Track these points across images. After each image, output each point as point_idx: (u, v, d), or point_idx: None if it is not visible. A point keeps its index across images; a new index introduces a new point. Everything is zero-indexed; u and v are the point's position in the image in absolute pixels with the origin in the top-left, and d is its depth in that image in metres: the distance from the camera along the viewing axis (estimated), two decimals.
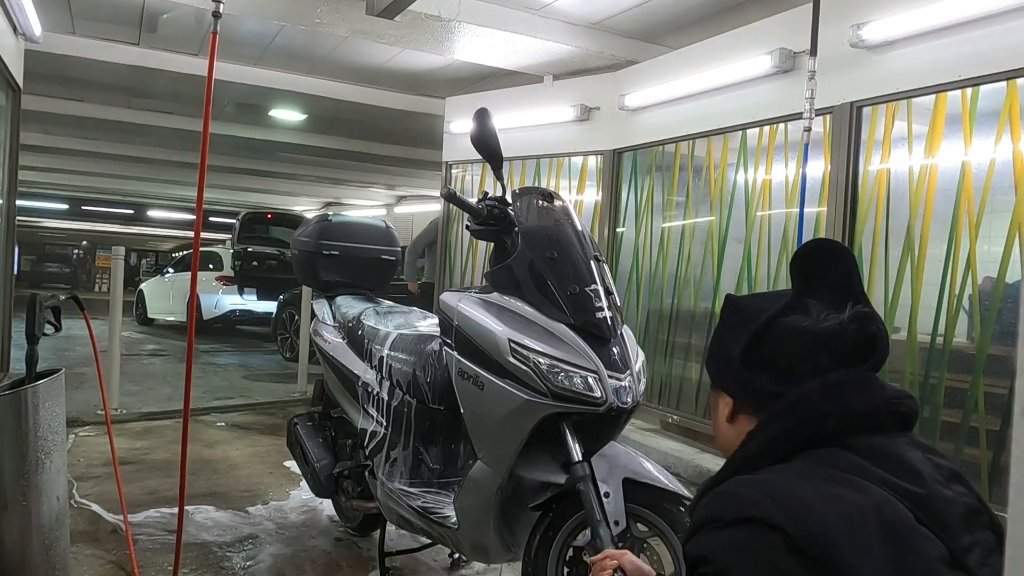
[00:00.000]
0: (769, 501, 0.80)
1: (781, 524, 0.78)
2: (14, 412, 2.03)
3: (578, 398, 1.85)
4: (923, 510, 0.83)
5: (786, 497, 0.81)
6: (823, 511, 0.79)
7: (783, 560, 0.77)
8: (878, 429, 0.90)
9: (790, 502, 0.80)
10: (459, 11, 4.73)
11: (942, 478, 0.89)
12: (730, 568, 0.80)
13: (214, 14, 2.13)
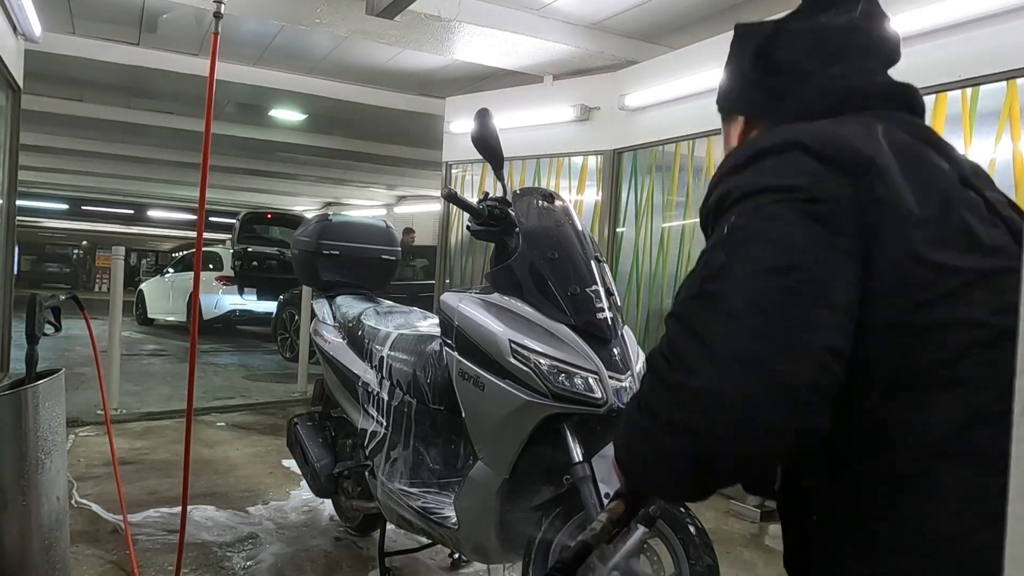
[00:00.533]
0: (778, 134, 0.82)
1: (796, 139, 0.79)
2: (14, 412, 2.03)
3: (578, 399, 1.85)
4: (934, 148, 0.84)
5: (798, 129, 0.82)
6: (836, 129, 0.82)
7: (804, 162, 0.77)
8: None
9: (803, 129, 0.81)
10: (459, 11, 4.73)
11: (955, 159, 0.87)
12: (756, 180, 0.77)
13: (215, 14, 2.13)
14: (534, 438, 1.93)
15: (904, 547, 0.70)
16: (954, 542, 0.67)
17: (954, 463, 0.69)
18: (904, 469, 0.71)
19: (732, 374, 0.68)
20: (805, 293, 0.70)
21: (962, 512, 0.67)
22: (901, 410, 0.72)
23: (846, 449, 0.73)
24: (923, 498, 0.69)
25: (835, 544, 0.76)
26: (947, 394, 0.71)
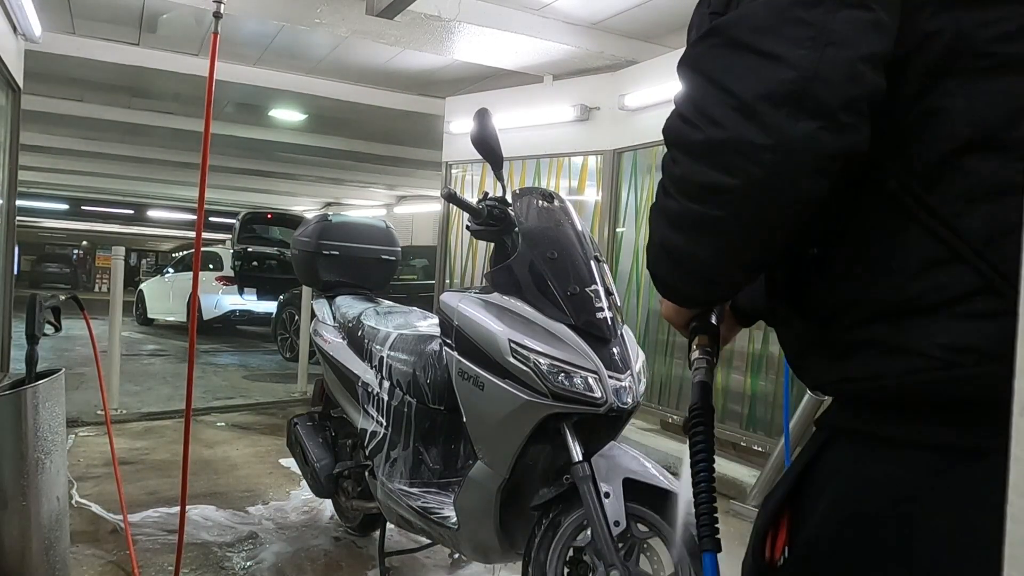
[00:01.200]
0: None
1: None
2: (14, 412, 2.03)
3: (578, 398, 1.85)
4: None
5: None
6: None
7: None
8: None
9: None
10: (459, 11, 4.73)
11: None
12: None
13: (215, 14, 2.13)
14: (534, 438, 1.93)
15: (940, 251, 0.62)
16: (995, 239, 0.60)
17: (997, 156, 0.61)
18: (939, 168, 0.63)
19: (759, 115, 0.60)
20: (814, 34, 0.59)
21: (996, 213, 0.60)
22: (948, 98, 0.63)
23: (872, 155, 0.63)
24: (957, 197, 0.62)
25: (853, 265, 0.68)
26: (1001, 78, 0.62)
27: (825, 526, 0.70)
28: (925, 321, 0.63)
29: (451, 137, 6.53)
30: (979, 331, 0.61)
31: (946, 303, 0.62)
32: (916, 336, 0.63)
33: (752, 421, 4.30)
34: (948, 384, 0.62)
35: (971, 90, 0.63)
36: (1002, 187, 0.61)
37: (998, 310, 0.59)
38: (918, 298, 0.63)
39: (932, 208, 0.63)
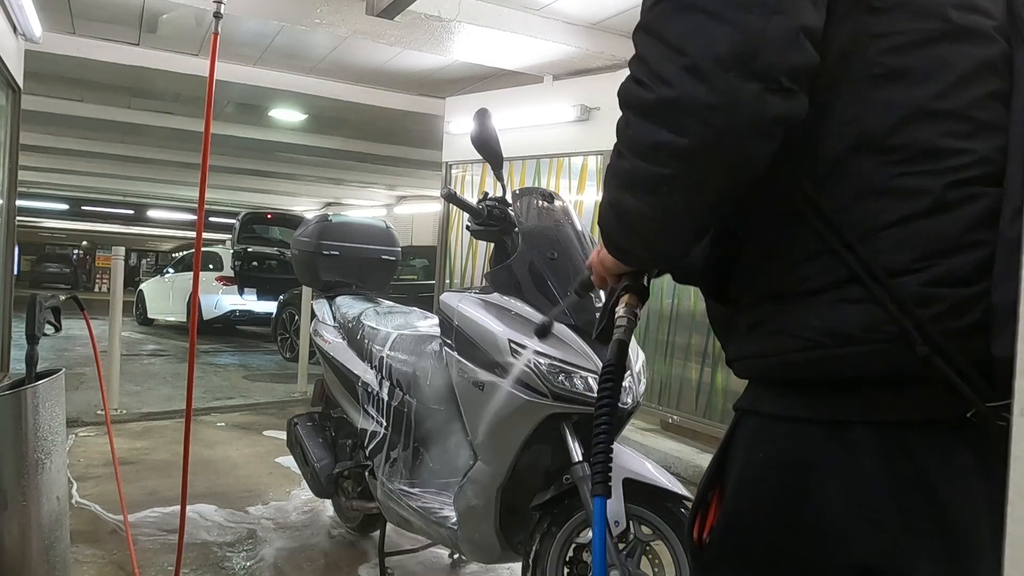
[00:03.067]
0: None
1: None
2: (14, 412, 2.03)
3: (578, 398, 1.85)
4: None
5: None
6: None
7: None
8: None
9: None
10: (459, 11, 4.73)
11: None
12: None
13: (215, 14, 2.13)
14: (534, 438, 1.93)
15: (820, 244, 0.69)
16: (868, 235, 0.67)
17: (878, 158, 0.68)
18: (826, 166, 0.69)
19: (708, 74, 0.62)
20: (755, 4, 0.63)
21: (878, 207, 0.67)
22: (842, 103, 0.70)
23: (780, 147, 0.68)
24: (840, 194, 0.68)
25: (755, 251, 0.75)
26: (886, 85, 0.69)
27: (736, 502, 0.76)
28: (802, 306, 0.70)
29: (451, 137, 6.53)
30: (846, 316, 0.67)
31: (819, 290, 0.69)
32: (794, 319, 0.70)
33: None
34: (819, 362, 0.69)
35: (861, 96, 0.68)
36: (879, 189, 0.67)
37: (862, 298, 0.66)
38: (797, 285, 0.70)
39: (816, 204, 0.69)
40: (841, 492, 0.69)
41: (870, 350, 0.67)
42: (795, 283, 0.70)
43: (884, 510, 0.68)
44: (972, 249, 0.65)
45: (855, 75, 0.69)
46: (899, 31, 0.69)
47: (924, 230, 0.66)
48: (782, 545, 0.72)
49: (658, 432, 4.95)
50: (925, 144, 0.67)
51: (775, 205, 0.72)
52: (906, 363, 0.66)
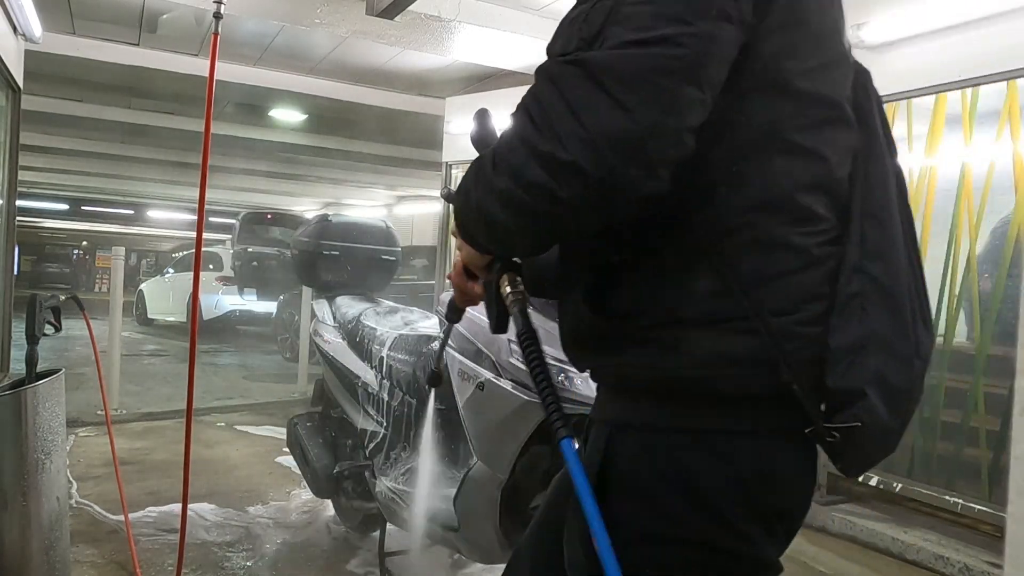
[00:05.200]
0: None
1: None
2: (14, 412, 2.03)
3: (579, 399, 1.85)
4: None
5: None
6: None
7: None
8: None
9: None
10: (459, 11, 4.73)
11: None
12: None
13: (215, 15, 2.13)
14: (534, 438, 1.93)
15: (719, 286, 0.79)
16: (760, 283, 0.78)
17: (775, 219, 0.79)
18: (735, 220, 0.79)
19: (600, 152, 0.70)
20: (677, 70, 0.70)
21: (771, 259, 0.79)
22: (749, 167, 0.80)
23: (686, 202, 0.80)
24: (741, 246, 0.79)
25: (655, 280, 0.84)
26: (791, 158, 0.80)
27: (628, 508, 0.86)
28: (701, 331, 0.80)
29: (451, 137, 6.53)
30: (735, 344, 0.79)
31: (718, 321, 0.80)
32: (693, 341, 0.80)
33: None
34: (709, 379, 0.81)
35: (770, 166, 0.80)
36: (775, 244, 0.79)
37: (750, 330, 0.78)
38: (700, 314, 0.81)
39: (721, 252, 0.79)
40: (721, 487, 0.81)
41: (750, 373, 0.79)
42: (698, 313, 0.81)
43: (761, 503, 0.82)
44: (824, 299, 0.79)
45: (768, 149, 0.80)
46: (807, 115, 0.81)
47: (800, 280, 0.80)
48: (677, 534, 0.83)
49: None
50: (807, 211, 0.80)
51: (684, 245, 0.82)
52: (772, 385, 0.78)
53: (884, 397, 0.76)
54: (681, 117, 0.71)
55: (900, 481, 3.38)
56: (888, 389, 0.77)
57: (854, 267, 0.79)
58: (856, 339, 0.77)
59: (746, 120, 0.79)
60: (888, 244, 0.81)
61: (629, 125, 0.70)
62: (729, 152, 0.79)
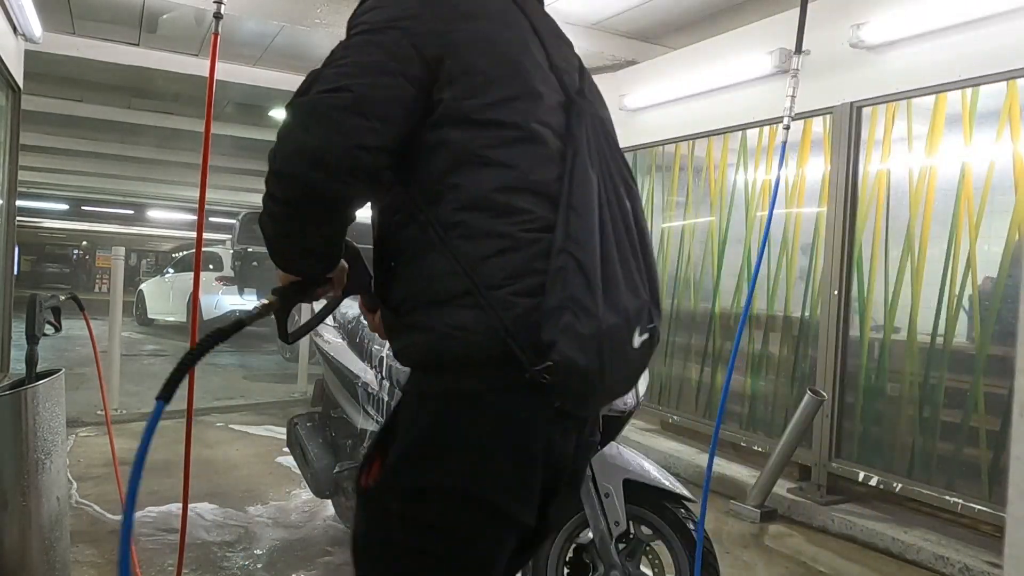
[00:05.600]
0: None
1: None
2: (14, 412, 2.03)
3: None
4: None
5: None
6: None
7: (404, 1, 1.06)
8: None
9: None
10: None
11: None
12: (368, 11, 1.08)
13: (215, 15, 2.13)
14: None
15: (463, 266, 1.02)
16: (478, 263, 1.02)
17: (482, 214, 1.03)
18: (453, 218, 1.04)
19: (291, 161, 0.99)
20: (344, 106, 0.98)
21: (495, 242, 1.02)
22: (459, 178, 1.04)
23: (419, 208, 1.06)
24: (460, 237, 1.03)
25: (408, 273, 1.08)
26: (488, 169, 1.04)
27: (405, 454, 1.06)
28: (443, 309, 1.03)
29: None
30: (466, 316, 1.01)
31: (453, 298, 1.02)
32: (437, 318, 1.03)
33: (752, 421, 4.30)
34: (451, 348, 1.02)
35: (471, 176, 1.04)
36: (484, 233, 1.03)
37: (475, 304, 1.01)
38: (439, 295, 1.04)
39: (447, 241, 1.03)
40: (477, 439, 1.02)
41: (481, 338, 1.00)
42: (438, 294, 1.04)
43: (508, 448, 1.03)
44: (538, 273, 1.00)
45: (469, 163, 1.04)
46: (494, 136, 1.05)
47: (510, 260, 1.02)
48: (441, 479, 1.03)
49: (658, 432, 4.95)
50: (507, 206, 1.03)
51: (421, 241, 1.06)
52: (499, 346, 1.00)
53: (575, 343, 0.96)
54: (349, 137, 0.97)
55: (900, 481, 3.38)
56: (578, 337, 0.96)
57: (559, 248, 1.00)
58: (558, 302, 0.97)
59: (449, 144, 1.04)
60: (586, 231, 1.01)
61: (310, 142, 0.98)
62: (443, 168, 1.05)
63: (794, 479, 3.82)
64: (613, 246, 1.04)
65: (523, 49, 1.10)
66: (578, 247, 1.00)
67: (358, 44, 1.04)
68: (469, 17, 1.07)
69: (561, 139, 1.09)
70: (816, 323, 3.87)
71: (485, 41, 1.07)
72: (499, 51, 1.08)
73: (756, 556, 3.17)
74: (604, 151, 1.12)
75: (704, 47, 4.64)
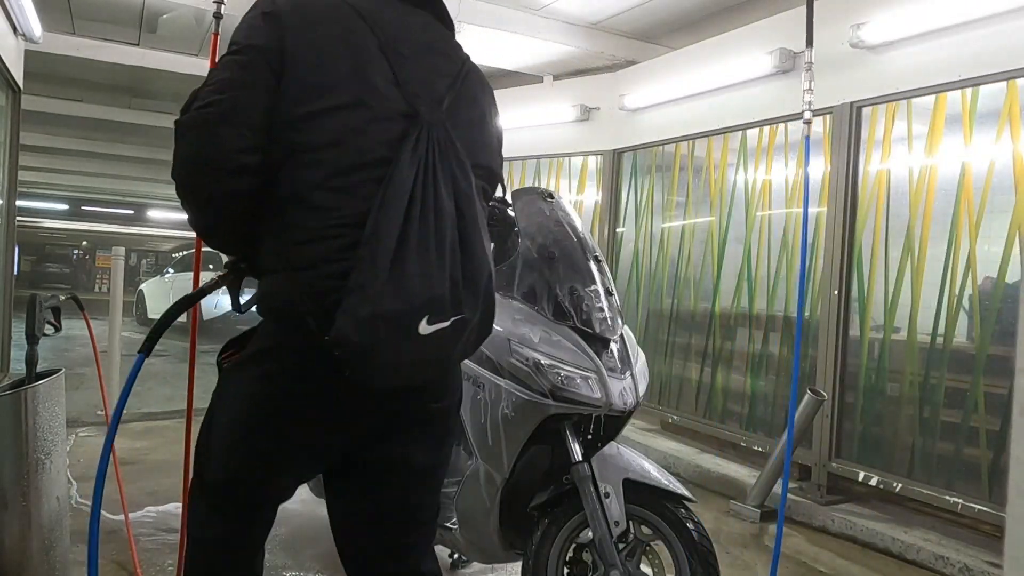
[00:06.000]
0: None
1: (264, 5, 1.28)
2: (14, 412, 2.03)
3: (578, 399, 1.85)
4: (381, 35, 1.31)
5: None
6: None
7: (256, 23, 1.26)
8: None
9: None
10: (459, 11, 4.73)
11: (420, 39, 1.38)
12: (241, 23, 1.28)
13: (215, 15, 2.13)
14: (534, 438, 1.93)
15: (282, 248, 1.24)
16: (295, 248, 1.22)
17: (301, 208, 1.22)
18: (278, 208, 1.24)
19: (180, 165, 1.27)
20: (212, 119, 1.20)
21: (302, 233, 1.22)
22: (287, 173, 1.23)
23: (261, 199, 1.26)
24: (283, 227, 1.24)
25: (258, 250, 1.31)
26: (307, 169, 1.22)
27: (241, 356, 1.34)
28: (269, 279, 1.28)
29: None
30: (281, 287, 1.25)
31: (275, 271, 1.27)
32: (263, 284, 1.29)
33: (752, 421, 4.30)
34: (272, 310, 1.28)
35: (294, 173, 1.23)
36: (297, 225, 1.22)
37: (287, 280, 1.23)
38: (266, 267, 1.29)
39: (273, 229, 1.26)
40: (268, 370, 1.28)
41: (280, 304, 1.25)
42: (266, 266, 1.29)
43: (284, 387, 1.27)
44: (343, 261, 1.17)
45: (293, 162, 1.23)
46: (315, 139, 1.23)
47: (316, 248, 1.21)
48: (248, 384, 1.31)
49: (658, 432, 4.95)
50: (318, 203, 1.21)
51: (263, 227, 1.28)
52: (294, 314, 1.21)
53: (351, 323, 1.13)
54: (224, 144, 1.20)
55: (900, 481, 3.38)
56: (355, 318, 1.13)
57: (364, 242, 1.16)
58: (351, 287, 1.14)
59: (280, 144, 1.23)
60: (388, 229, 1.17)
61: (194, 152, 1.24)
62: (276, 165, 1.23)
63: (794, 479, 3.82)
64: (415, 244, 1.18)
65: (357, 67, 1.27)
66: (376, 242, 1.16)
67: (223, 64, 1.25)
68: (305, 37, 1.26)
69: (386, 146, 1.23)
70: (816, 323, 3.87)
71: (317, 58, 1.25)
72: (328, 67, 1.25)
73: (756, 556, 3.17)
74: (437, 160, 1.26)
75: (704, 47, 4.64)
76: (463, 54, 1.44)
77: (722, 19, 4.85)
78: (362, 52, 1.28)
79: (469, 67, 1.42)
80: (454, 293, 1.21)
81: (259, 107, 1.21)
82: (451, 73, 1.37)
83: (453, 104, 1.33)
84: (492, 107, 1.46)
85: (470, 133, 1.35)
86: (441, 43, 1.41)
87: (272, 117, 1.22)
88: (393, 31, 1.32)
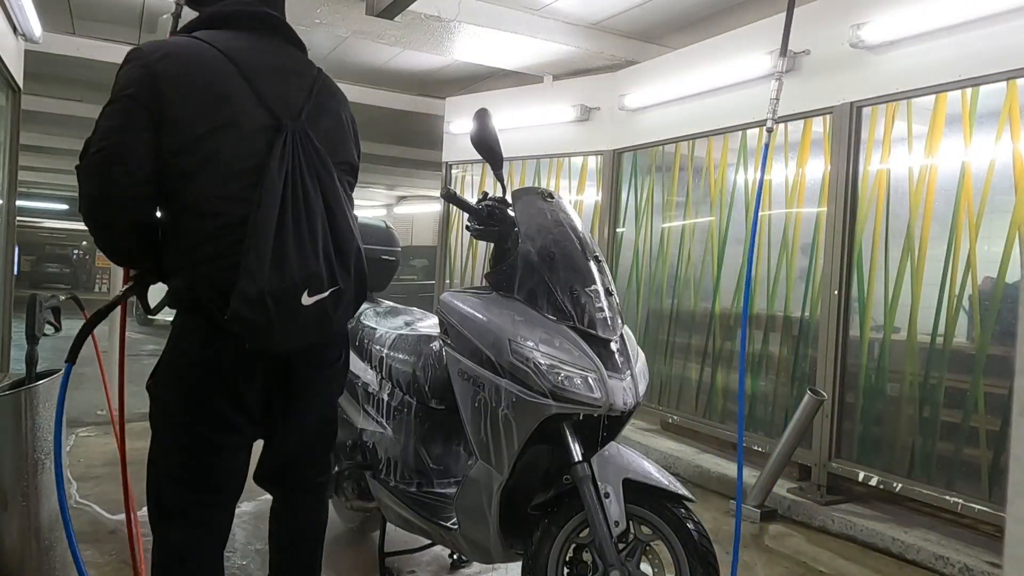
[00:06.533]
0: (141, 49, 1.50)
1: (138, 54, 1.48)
2: (14, 412, 2.03)
3: (578, 399, 1.85)
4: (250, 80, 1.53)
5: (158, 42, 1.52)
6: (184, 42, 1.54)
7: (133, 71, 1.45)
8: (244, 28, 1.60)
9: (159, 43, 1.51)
10: (459, 11, 4.73)
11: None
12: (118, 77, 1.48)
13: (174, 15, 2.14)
14: (534, 438, 1.93)
15: (182, 250, 1.49)
16: (193, 249, 1.46)
17: (194, 215, 1.46)
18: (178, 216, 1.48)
19: (83, 201, 1.47)
20: (104, 161, 1.43)
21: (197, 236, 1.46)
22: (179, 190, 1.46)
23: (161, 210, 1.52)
24: (181, 233, 1.48)
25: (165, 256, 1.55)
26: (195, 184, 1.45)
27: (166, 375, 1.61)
28: (174, 278, 1.53)
29: (451, 137, 6.53)
30: (185, 282, 1.49)
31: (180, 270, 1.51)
32: (171, 282, 1.54)
33: (752, 421, 4.30)
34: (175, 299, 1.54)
35: (185, 187, 1.46)
36: (194, 228, 1.47)
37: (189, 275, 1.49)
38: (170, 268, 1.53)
39: (175, 234, 1.50)
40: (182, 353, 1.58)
41: (189, 296, 1.50)
42: (171, 267, 1.52)
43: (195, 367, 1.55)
44: (232, 256, 1.41)
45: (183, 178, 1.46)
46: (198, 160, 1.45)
47: (210, 247, 1.45)
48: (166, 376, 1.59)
49: (658, 432, 4.96)
50: (208, 209, 1.45)
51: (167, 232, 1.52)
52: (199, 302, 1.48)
53: (243, 302, 1.37)
54: (117, 181, 1.42)
55: (900, 481, 3.38)
56: (246, 298, 1.37)
57: (248, 237, 1.40)
58: (241, 274, 1.38)
59: (171, 168, 1.45)
60: (266, 223, 1.40)
61: (91, 190, 1.45)
62: (171, 182, 1.46)
63: (794, 479, 3.82)
64: (290, 231, 1.42)
65: (223, 95, 1.48)
66: (258, 235, 1.39)
67: (106, 114, 1.45)
68: (173, 79, 1.45)
69: (257, 156, 1.46)
70: (816, 323, 3.87)
71: (188, 95, 1.45)
72: (199, 100, 1.46)
73: (756, 556, 3.17)
74: (302, 161, 1.50)
75: (704, 47, 4.64)
76: (314, 69, 1.68)
77: (722, 19, 4.86)
78: (226, 82, 1.49)
79: (320, 79, 1.66)
80: (329, 269, 1.48)
81: (142, 145, 1.42)
82: (305, 87, 1.61)
83: (311, 113, 1.57)
84: (344, 108, 1.72)
85: (329, 135, 1.61)
86: (292, 63, 1.64)
87: (158, 149, 1.43)
88: (250, 59, 1.54)
